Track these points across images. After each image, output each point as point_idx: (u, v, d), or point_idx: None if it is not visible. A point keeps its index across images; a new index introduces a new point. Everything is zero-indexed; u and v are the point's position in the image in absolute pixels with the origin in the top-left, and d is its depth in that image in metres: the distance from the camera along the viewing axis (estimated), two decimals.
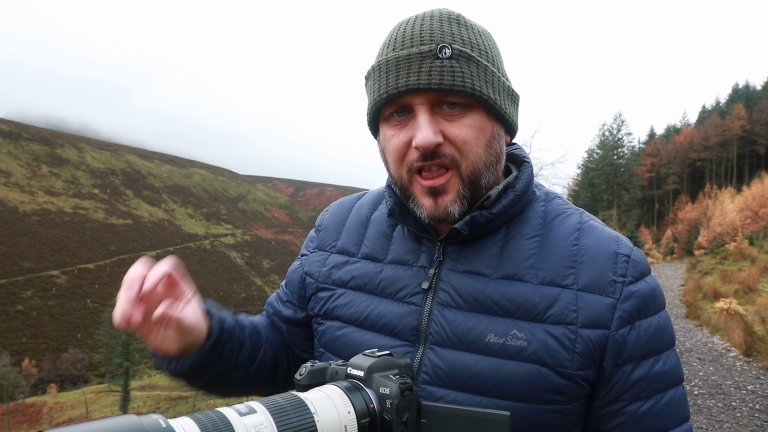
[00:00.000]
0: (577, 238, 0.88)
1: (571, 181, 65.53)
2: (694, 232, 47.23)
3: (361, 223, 1.02)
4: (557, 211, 0.92)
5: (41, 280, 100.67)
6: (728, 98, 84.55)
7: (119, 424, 0.44)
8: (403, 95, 0.81)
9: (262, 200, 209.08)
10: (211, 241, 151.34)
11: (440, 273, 0.89)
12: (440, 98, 0.81)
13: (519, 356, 0.81)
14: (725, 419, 5.72)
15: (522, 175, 0.91)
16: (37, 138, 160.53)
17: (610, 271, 0.84)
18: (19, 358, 68.48)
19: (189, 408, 35.44)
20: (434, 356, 0.85)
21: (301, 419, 0.58)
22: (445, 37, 0.80)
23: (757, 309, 11.56)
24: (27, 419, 46.81)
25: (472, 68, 0.81)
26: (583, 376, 0.81)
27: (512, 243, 0.88)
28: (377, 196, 1.06)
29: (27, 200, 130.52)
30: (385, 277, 0.93)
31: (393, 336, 0.89)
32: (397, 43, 0.83)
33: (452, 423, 0.66)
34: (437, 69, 0.79)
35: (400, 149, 0.84)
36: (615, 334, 0.81)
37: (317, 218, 1.13)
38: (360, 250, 0.99)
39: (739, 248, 23.65)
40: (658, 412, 0.83)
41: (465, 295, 0.86)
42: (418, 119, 0.81)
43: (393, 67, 0.81)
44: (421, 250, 0.92)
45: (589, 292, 0.83)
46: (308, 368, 0.72)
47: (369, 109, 0.88)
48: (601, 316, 0.81)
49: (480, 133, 0.83)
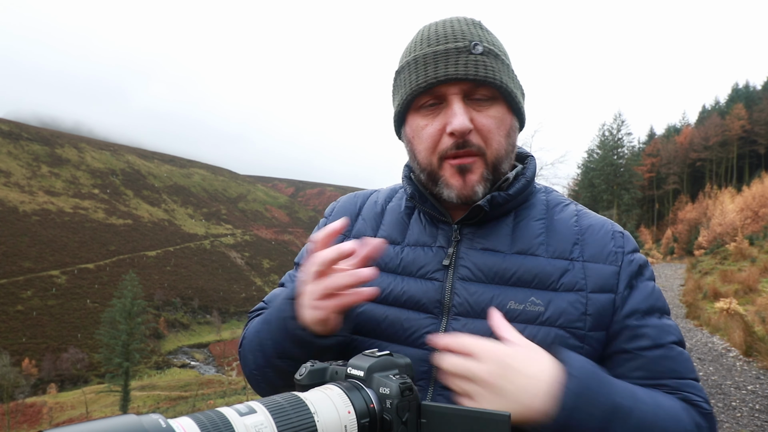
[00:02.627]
0: (576, 221, 0.98)
1: (571, 181, 65.58)
2: (694, 232, 47.19)
3: (377, 212, 1.08)
4: (557, 200, 1.03)
5: (41, 280, 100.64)
6: (728, 98, 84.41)
7: (119, 424, 0.44)
8: (441, 84, 0.88)
9: (262, 200, 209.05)
10: (211, 241, 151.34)
11: (459, 251, 0.96)
12: (472, 89, 0.89)
13: (537, 320, 0.88)
14: (725, 419, 5.71)
15: (529, 165, 1.02)
16: (37, 138, 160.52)
17: (610, 244, 0.94)
18: (19, 358, 68.48)
19: (189, 408, 35.45)
20: (458, 325, 0.90)
21: (301, 419, 0.58)
22: (474, 37, 0.90)
23: (757, 309, 11.55)
24: (27, 419, 46.80)
25: (499, 64, 0.91)
26: (595, 337, 0.89)
27: (522, 224, 0.97)
28: (391, 191, 1.13)
29: (27, 200, 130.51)
30: (405, 257, 0.98)
31: (416, 309, 0.93)
32: (432, 40, 0.91)
33: (452, 423, 0.67)
34: (472, 62, 0.88)
35: (434, 136, 0.91)
36: (621, 294, 0.90)
37: (326, 209, 1.16)
38: (377, 234, 1.04)
39: (739, 248, 23.64)
40: (673, 358, 0.89)
41: (484, 269, 0.93)
42: (453, 107, 0.88)
43: (431, 59, 0.89)
44: (438, 233, 0.99)
45: (594, 262, 0.92)
46: (308, 368, 0.72)
47: (403, 99, 0.94)
48: (607, 281, 0.91)
49: (501, 123, 0.92)
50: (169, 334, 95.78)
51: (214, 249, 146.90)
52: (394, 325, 0.92)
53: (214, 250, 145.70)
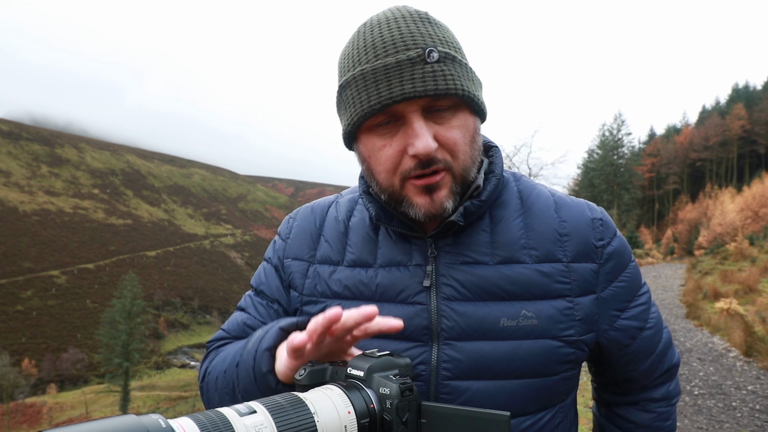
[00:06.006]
0: (556, 210, 0.92)
1: (571, 181, 65.47)
2: (694, 232, 47.18)
3: (341, 231, 0.97)
4: (529, 188, 0.96)
5: (41, 280, 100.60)
6: (728, 98, 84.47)
7: (119, 424, 0.44)
8: (396, 104, 0.78)
9: (262, 200, 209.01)
10: (211, 241, 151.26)
11: (438, 268, 0.88)
12: (431, 103, 0.79)
13: (532, 334, 0.84)
14: (725, 419, 5.71)
15: (496, 160, 0.93)
16: (36, 138, 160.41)
17: (591, 237, 0.91)
18: (19, 358, 68.47)
19: (189, 408, 35.45)
20: (452, 351, 0.84)
21: (301, 419, 0.58)
22: (426, 40, 0.78)
23: (758, 309, 11.55)
24: (27, 419, 46.80)
25: (458, 69, 0.80)
26: (586, 341, 0.88)
27: (500, 227, 0.90)
28: (351, 201, 1.01)
29: (27, 200, 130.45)
30: (381, 281, 0.90)
31: (403, 339, 0.86)
32: (378, 48, 0.79)
33: (452, 423, 0.66)
34: (430, 75, 0.77)
35: (394, 158, 0.82)
36: (602, 295, 0.90)
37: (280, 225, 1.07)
38: (345, 257, 0.94)
39: (740, 248, 23.62)
40: (650, 338, 0.97)
41: (469, 285, 0.86)
42: (414, 127, 0.79)
43: (382, 75, 0.78)
44: (412, 249, 0.90)
45: (578, 261, 0.89)
46: (308, 368, 0.71)
47: (351, 121, 0.83)
48: (588, 282, 0.89)
49: (466, 131, 0.83)
50: (169, 334, 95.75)
51: (214, 249, 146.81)
52: None
53: (214, 250, 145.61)
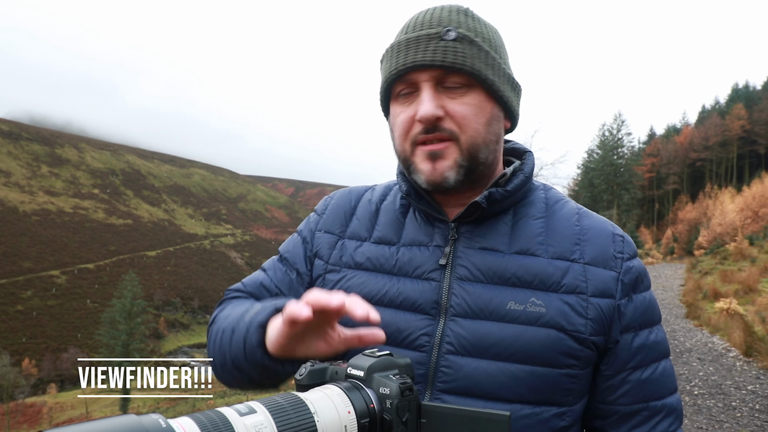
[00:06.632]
0: (578, 220, 0.96)
1: (571, 181, 65.58)
2: (694, 232, 47.14)
3: (372, 211, 1.05)
4: (556, 198, 1.01)
5: (41, 280, 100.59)
6: (728, 98, 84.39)
7: (119, 424, 0.44)
8: (410, 72, 0.87)
9: (262, 200, 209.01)
10: (211, 241, 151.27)
11: (456, 250, 0.93)
12: (443, 76, 0.86)
13: (538, 321, 0.86)
14: (725, 419, 5.72)
15: (527, 161, 1.00)
16: (37, 138, 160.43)
17: (611, 248, 0.93)
18: (19, 358, 68.42)
19: (189, 408, 35.35)
20: (457, 327, 0.88)
21: (301, 419, 0.58)
22: (451, 23, 0.87)
23: (757, 309, 11.56)
24: (27, 419, 46.77)
25: (474, 50, 0.87)
26: (595, 342, 0.88)
27: (521, 223, 0.95)
28: (386, 188, 1.10)
29: (27, 200, 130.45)
30: (401, 257, 0.96)
31: (413, 311, 0.91)
32: (409, 28, 0.90)
33: (452, 423, 0.66)
34: (441, 48, 0.85)
35: (406, 123, 0.90)
36: (619, 303, 0.90)
37: (318, 204, 1.13)
38: (372, 235, 1.01)
39: (739, 248, 23.63)
40: (656, 380, 0.92)
41: (483, 268, 0.91)
42: (422, 94, 0.87)
43: (403, 47, 0.88)
44: (434, 232, 0.96)
45: (595, 265, 0.91)
46: (308, 368, 0.71)
47: (381, 87, 0.95)
48: (607, 286, 0.89)
49: (479, 111, 0.88)
50: (169, 334, 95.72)
51: (214, 249, 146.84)
52: (389, 327, 0.89)
53: (214, 250, 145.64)
